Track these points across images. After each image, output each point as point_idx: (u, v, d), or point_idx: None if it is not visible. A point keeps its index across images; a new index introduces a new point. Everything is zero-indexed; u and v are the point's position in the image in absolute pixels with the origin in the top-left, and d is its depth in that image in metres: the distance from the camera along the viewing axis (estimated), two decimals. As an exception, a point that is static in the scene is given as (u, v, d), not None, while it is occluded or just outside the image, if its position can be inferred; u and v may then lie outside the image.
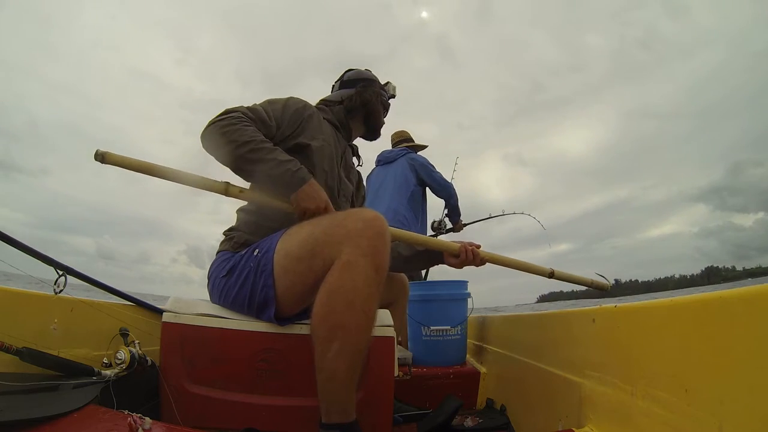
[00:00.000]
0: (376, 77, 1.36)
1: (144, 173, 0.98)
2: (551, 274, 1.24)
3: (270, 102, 1.12)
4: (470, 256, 1.16)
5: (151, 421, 0.73)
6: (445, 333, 1.74)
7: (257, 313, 0.99)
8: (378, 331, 1.06)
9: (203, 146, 1.01)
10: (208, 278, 1.11)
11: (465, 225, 2.87)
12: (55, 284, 1.01)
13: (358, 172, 1.37)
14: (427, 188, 2.52)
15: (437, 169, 2.51)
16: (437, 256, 1.25)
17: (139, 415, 0.74)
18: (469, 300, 1.81)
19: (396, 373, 1.08)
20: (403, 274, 1.48)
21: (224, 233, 1.15)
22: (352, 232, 0.84)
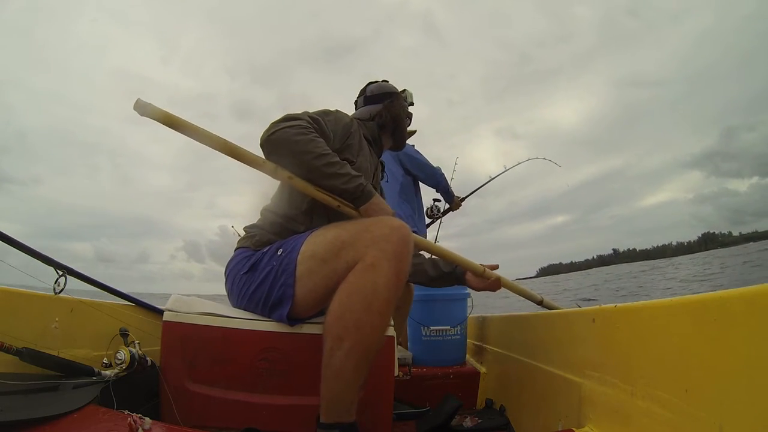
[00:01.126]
0: (396, 89, 1.41)
1: (185, 133, 0.96)
2: (540, 302, 1.34)
3: (325, 113, 1.15)
4: (491, 277, 1.24)
5: (151, 421, 0.73)
6: (444, 333, 1.74)
7: (269, 312, 0.99)
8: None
9: (268, 149, 1.00)
10: (226, 276, 1.11)
11: (463, 199, 2.82)
12: (55, 284, 1.01)
13: (381, 187, 1.41)
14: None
15: (424, 156, 2.42)
16: (460, 278, 1.31)
17: (139, 415, 0.74)
18: (469, 300, 1.81)
19: (396, 373, 1.08)
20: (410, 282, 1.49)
21: (245, 229, 1.16)
22: (378, 237, 0.86)
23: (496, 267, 1.28)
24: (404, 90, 1.43)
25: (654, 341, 0.65)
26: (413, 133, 2.66)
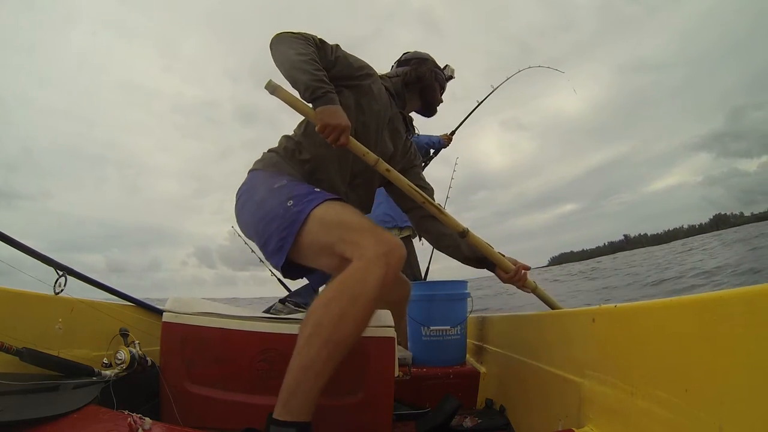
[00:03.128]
0: (431, 57, 1.47)
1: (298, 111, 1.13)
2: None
3: (342, 48, 1.23)
4: (520, 277, 1.26)
5: (151, 421, 0.73)
6: (445, 333, 1.74)
7: (267, 256, 1.05)
8: (378, 332, 1.06)
9: (270, 45, 1.14)
10: (236, 198, 1.18)
11: (453, 132, 2.79)
12: (55, 284, 1.01)
13: (413, 143, 1.45)
14: None
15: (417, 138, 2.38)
16: (491, 266, 1.32)
17: (139, 415, 0.74)
18: (469, 300, 1.81)
19: (396, 373, 1.08)
20: (407, 280, 1.48)
21: (263, 153, 1.23)
22: (382, 244, 0.90)
23: (528, 268, 1.29)
24: (447, 65, 1.49)
25: (654, 341, 0.65)
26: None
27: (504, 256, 1.30)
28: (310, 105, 1.09)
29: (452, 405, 1.24)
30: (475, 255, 1.32)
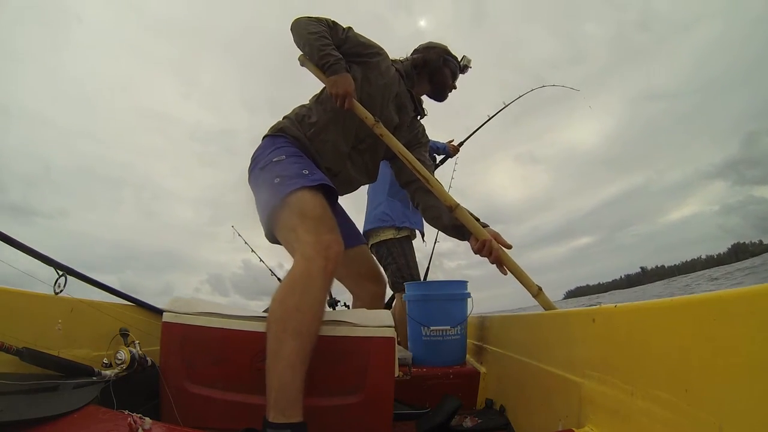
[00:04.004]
0: (443, 45, 1.56)
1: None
2: (536, 294, 1.24)
3: (354, 30, 1.38)
4: (488, 251, 1.24)
5: (151, 421, 0.73)
6: (445, 333, 1.74)
7: (262, 219, 1.18)
8: (378, 332, 1.06)
9: (290, 27, 1.33)
10: (250, 160, 1.29)
11: (461, 143, 2.79)
12: (55, 284, 1.01)
13: (422, 126, 1.56)
14: None
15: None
16: (466, 236, 1.33)
17: (139, 415, 0.74)
18: (469, 300, 1.81)
19: (396, 373, 1.08)
20: (384, 278, 1.54)
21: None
22: (321, 241, 0.99)
23: (509, 247, 1.27)
24: (464, 56, 1.59)
25: (654, 341, 0.65)
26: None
27: (487, 226, 1.30)
28: None
29: (452, 405, 1.24)
30: (453, 223, 1.34)
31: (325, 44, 1.27)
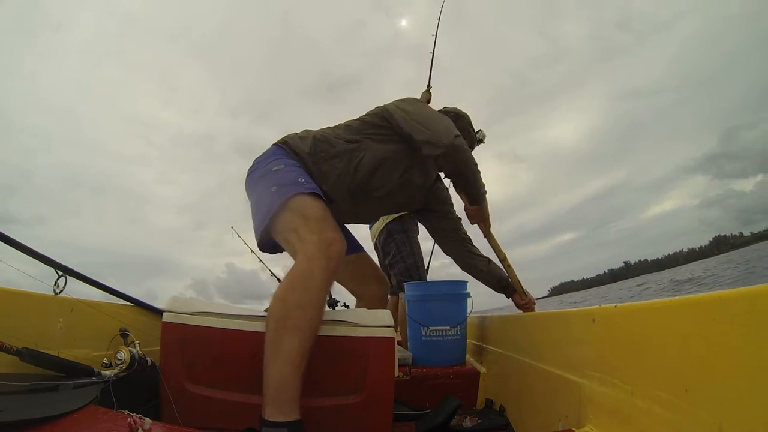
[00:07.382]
0: (467, 115, 1.66)
1: None
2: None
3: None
4: (531, 306, 1.67)
5: (151, 421, 0.73)
6: (444, 333, 1.74)
7: (255, 222, 1.19)
8: (378, 332, 1.06)
9: (457, 146, 1.27)
10: (252, 164, 1.30)
11: None
12: (54, 284, 1.01)
13: (447, 189, 1.68)
14: None
15: None
16: (510, 290, 1.70)
17: (139, 415, 0.74)
18: (469, 300, 1.81)
19: (396, 373, 1.08)
20: (386, 281, 1.60)
21: (295, 135, 1.35)
22: (323, 240, 1.00)
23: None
24: (480, 130, 1.73)
25: (654, 341, 0.65)
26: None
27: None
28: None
29: (452, 405, 1.24)
30: (499, 282, 1.67)
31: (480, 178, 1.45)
